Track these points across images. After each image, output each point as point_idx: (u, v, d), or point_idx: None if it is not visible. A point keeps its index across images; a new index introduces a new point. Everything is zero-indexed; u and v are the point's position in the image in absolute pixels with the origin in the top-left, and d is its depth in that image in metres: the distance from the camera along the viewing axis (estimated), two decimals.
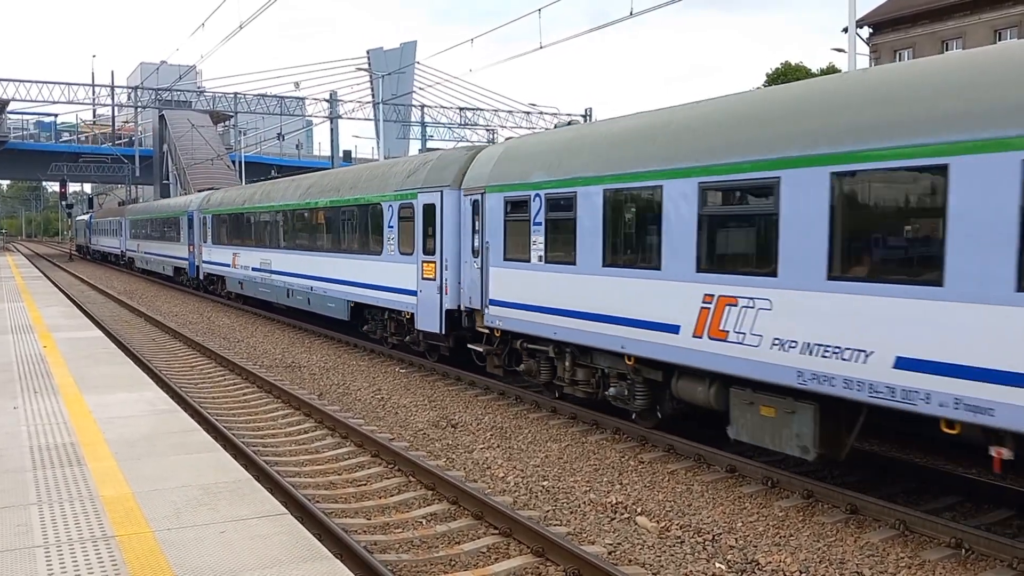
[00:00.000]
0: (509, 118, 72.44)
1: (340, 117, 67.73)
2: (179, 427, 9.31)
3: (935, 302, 7.71)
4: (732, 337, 9.77)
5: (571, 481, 10.27)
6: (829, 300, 8.66)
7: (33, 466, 7.66)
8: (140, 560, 5.54)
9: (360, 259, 19.78)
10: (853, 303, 8.41)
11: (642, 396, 11.80)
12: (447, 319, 16.09)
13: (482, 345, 15.23)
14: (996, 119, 7.31)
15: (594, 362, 12.65)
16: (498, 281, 14.37)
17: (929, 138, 7.76)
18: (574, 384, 13.07)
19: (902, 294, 7.98)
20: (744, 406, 9.89)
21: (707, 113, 10.74)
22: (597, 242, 11.90)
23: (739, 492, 9.73)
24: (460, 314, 15.90)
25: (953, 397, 7.53)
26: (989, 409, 7.27)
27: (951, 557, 7.85)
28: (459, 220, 15.74)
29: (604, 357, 12.34)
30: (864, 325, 8.31)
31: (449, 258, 15.94)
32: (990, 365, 7.27)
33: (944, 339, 7.63)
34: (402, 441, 12.17)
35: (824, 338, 8.69)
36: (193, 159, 68.24)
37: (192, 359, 19.48)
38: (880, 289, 8.17)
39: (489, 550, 8.15)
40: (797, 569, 7.66)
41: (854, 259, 8.57)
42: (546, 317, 13.09)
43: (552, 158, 13.13)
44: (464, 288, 15.62)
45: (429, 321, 16.60)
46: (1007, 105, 7.28)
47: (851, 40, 25.28)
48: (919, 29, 46.15)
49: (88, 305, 29.93)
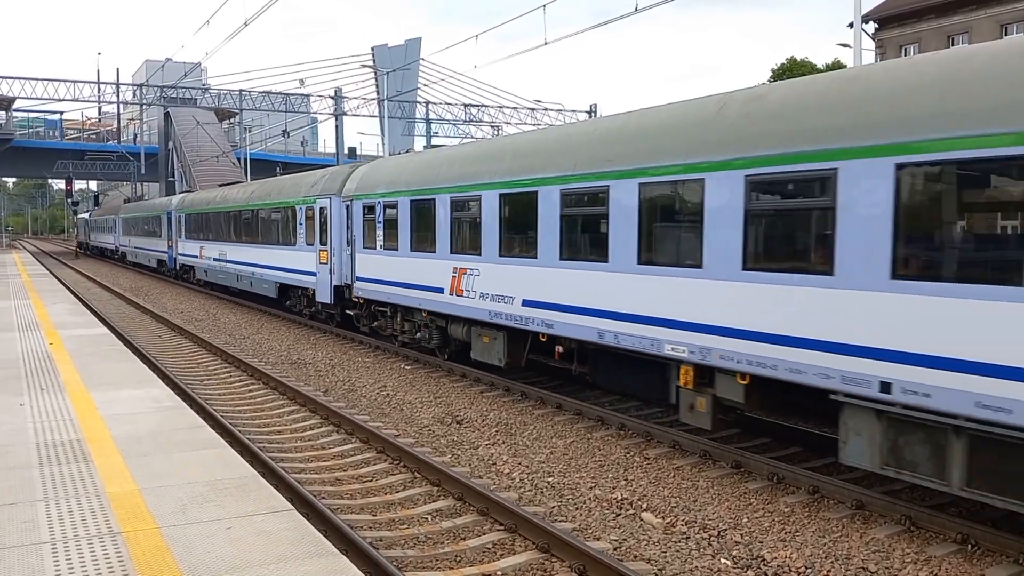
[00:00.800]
0: (514, 114, 72.51)
1: (345, 114, 67.86)
2: (185, 424, 9.33)
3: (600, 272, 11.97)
4: (467, 294, 15.09)
5: (576, 477, 10.27)
6: (502, 267, 14.14)
7: (40, 463, 7.68)
8: (146, 556, 5.56)
9: (282, 249, 25.38)
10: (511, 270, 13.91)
11: (436, 338, 17.12)
12: (336, 293, 21.49)
13: (354, 311, 20.96)
14: (875, 130, 8.10)
15: (412, 318, 18.03)
16: (360, 263, 19.76)
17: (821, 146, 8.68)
18: (403, 333, 18.58)
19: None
20: (477, 337, 15.37)
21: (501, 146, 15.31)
22: (406, 235, 17.31)
23: (744, 488, 9.72)
24: (344, 288, 20.96)
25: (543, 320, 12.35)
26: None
27: (957, 553, 7.84)
28: (341, 220, 21.04)
29: (414, 313, 17.80)
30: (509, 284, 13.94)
31: (335, 247, 21.25)
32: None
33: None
34: (407, 437, 12.19)
35: (499, 290, 14.13)
36: (198, 156, 68.31)
37: (198, 356, 19.52)
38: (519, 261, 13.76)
39: (494, 546, 8.16)
40: (803, 565, 7.66)
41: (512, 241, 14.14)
42: (386, 288, 18.48)
43: (387, 177, 18.75)
44: (344, 269, 20.91)
45: (324, 295, 22.05)
46: (883, 118, 8.05)
47: (857, 35, 25.20)
48: (924, 24, 46.03)
49: (94, 302, 30.01)
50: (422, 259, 16.64)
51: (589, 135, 12.61)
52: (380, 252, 18.61)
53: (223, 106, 74.94)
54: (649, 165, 10.80)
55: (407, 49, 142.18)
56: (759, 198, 9.30)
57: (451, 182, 15.65)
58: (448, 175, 15.83)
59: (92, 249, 75.54)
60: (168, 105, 75.52)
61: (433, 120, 73.10)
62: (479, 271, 14.65)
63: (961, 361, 7.34)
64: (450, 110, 72.72)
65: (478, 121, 72.27)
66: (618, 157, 11.38)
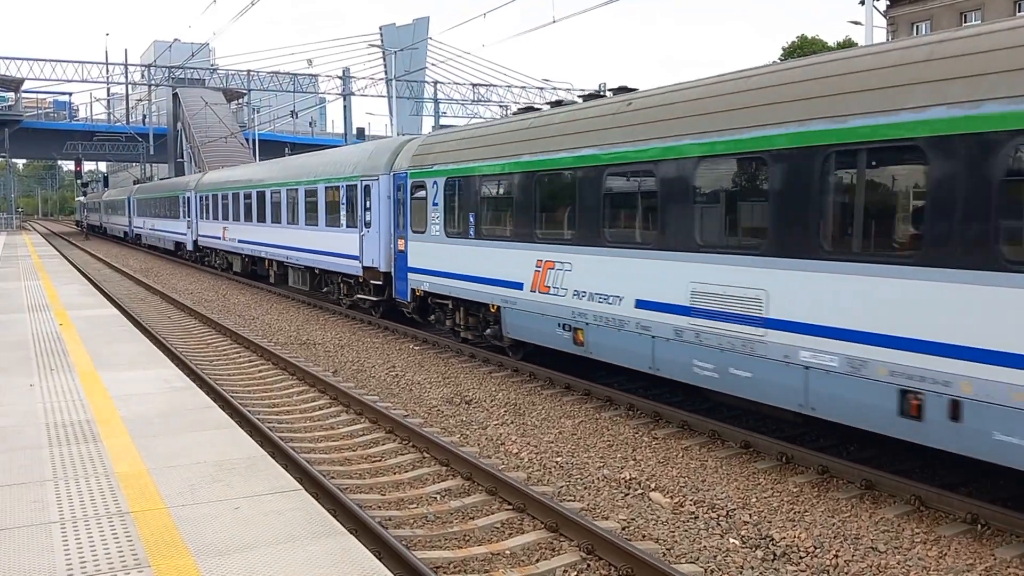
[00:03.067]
0: (523, 94, 72.15)
1: (353, 94, 67.65)
2: (194, 404, 9.35)
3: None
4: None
5: (585, 457, 10.27)
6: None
7: (49, 443, 7.71)
8: (155, 536, 5.57)
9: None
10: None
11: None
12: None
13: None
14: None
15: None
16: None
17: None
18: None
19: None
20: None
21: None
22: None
23: (753, 468, 9.71)
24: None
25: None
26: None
27: (967, 532, 7.82)
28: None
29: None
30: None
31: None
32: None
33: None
34: (416, 417, 12.20)
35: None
36: (207, 137, 68.32)
37: (208, 336, 19.57)
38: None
39: (503, 525, 8.17)
40: (812, 545, 7.64)
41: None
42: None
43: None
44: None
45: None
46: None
47: (868, 12, 24.98)
48: (936, 1, 45.55)
49: (104, 283, 30.09)
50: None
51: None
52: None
53: (231, 87, 74.76)
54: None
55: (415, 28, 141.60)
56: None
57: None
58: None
59: (99, 230, 76.19)
60: (176, 86, 75.42)
61: (441, 100, 72.79)
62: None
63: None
64: (458, 90, 72.42)
65: (486, 101, 71.94)
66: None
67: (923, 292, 7.72)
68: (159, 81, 73.53)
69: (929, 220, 7.77)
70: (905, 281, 7.88)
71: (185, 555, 5.28)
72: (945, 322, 7.55)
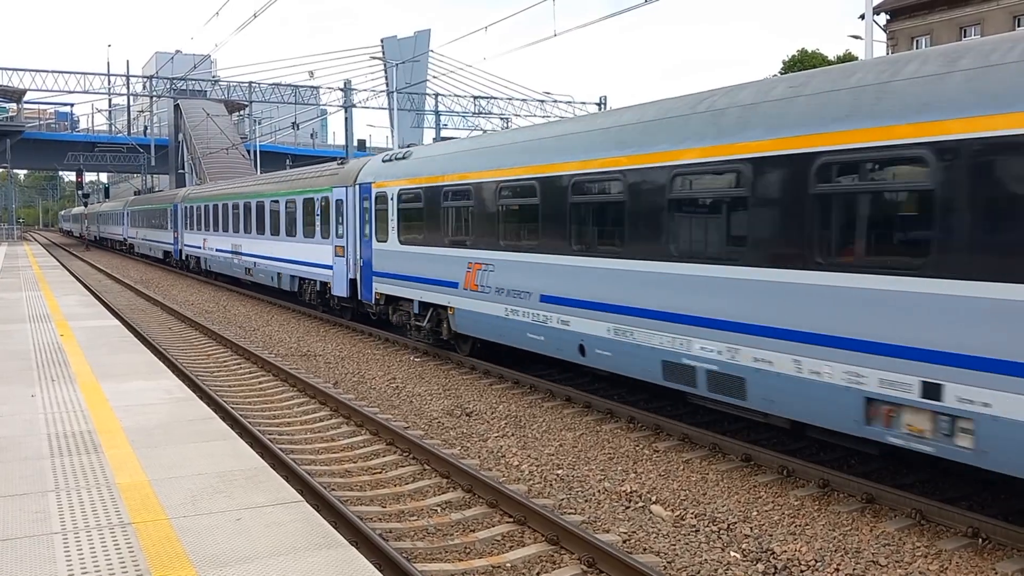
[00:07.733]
0: (523, 106, 72.29)
1: (354, 106, 67.71)
2: (195, 415, 9.36)
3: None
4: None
5: (585, 470, 10.27)
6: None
7: (51, 454, 7.72)
8: (156, 546, 5.58)
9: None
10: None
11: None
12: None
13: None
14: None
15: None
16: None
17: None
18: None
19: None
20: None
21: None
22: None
23: (754, 481, 9.70)
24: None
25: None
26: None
27: (968, 546, 7.81)
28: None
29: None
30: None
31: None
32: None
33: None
34: (417, 429, 12.20)
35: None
36: (208, 148, 68.39)
37: (208, 348, 19.58)
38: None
39: (504, 538, 8.16)
40: (813, 558, 7.64)
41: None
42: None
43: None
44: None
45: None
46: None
47: (868, 27, 25.06)
48: (937, 16, 45.75)
49: (105, 294, 30.11)
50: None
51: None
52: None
53: (233, 98, 74.90)
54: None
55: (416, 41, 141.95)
56: None
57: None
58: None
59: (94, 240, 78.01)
60: (178, 97, 75.56)
61: (442, 112, 72.87)
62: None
63: None
64: (459, 102, 72.54)
65: (487, 113, 72.04)
66: None
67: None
68: (161, 92, 73.68)
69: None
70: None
71: (187, 566, 5.29)
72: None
